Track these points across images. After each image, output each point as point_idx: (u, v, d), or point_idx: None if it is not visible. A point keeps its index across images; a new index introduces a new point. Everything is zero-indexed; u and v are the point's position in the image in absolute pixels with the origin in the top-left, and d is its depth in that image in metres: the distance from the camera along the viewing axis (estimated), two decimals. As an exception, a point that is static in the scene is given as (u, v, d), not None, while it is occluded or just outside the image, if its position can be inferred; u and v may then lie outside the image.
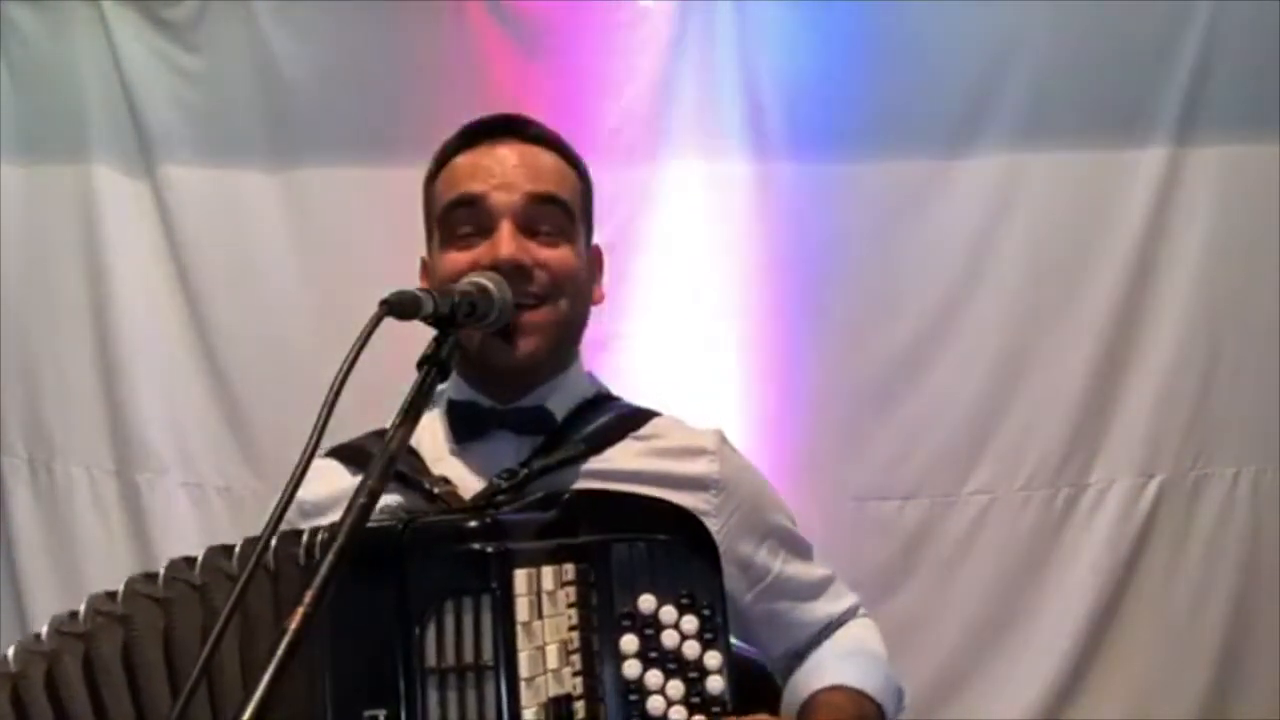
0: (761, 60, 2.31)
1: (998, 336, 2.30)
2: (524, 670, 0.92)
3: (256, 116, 2.43)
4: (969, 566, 2.29)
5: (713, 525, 1.10)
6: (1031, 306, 2.30)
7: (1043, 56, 2.27)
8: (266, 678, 0.74)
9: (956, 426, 2.30)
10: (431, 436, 1.21)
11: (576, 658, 0.96)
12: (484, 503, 1.11)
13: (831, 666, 1.19)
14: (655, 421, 1.23)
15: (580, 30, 2.33)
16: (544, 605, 0.95)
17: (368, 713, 0.90)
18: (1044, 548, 2.29)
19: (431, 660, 0.92)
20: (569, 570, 0.97)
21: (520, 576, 0.94)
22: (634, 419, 1.23)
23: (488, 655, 0.92)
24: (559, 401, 1.21)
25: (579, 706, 0.95)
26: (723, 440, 1.24)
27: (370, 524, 0.97)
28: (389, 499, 1.13)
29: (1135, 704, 2.27)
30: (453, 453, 1.19)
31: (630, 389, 1.32)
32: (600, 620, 0.98)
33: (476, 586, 0.93)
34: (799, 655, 1.24)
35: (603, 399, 1.26)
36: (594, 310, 1.27)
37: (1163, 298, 2.29)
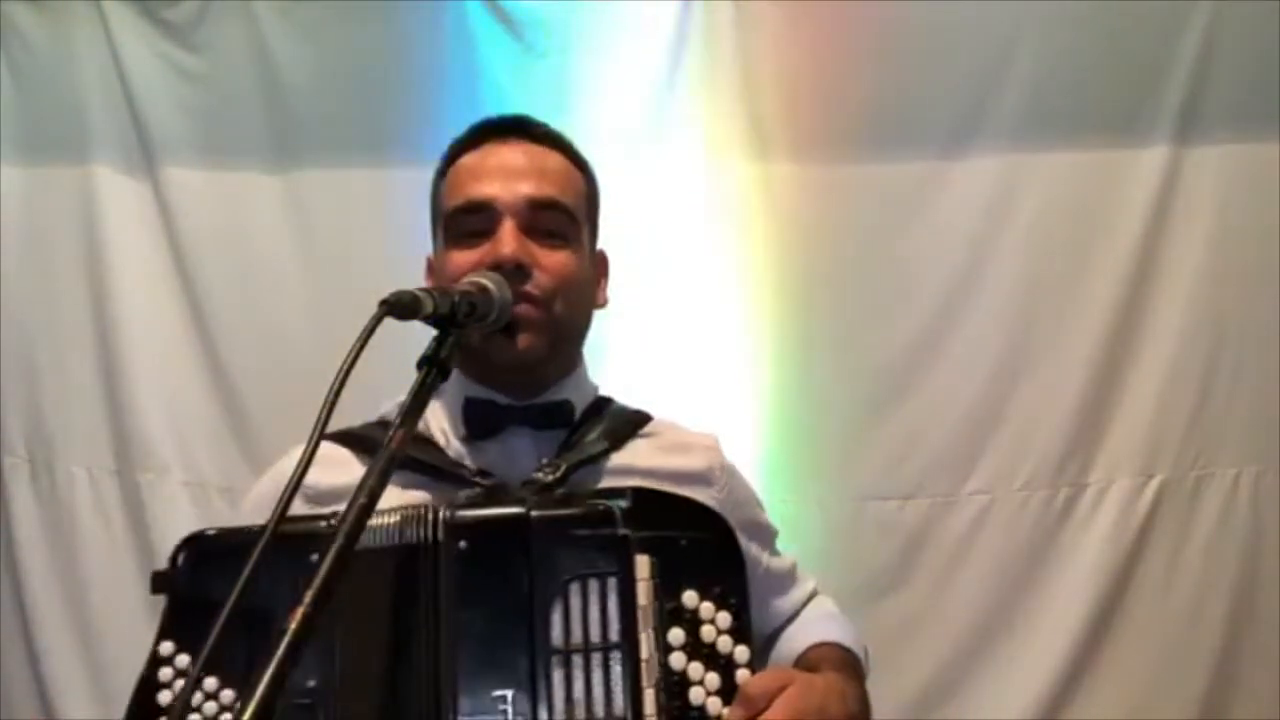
0: (762, 60, 2.31)
1: (997, 336, 2.30)
2: (643, 652, 0.97)
3: (257, 116, 2.44)
4: (969, 566, 2.29)
5: None
6: (1031, 306, 2.30)
7: (1042, 56, 2.27)
8: (267, 678, 0.75)
9: (956, 426, 2.30)
10: (441, 432, 1.22)
11: (653, 646, 1.00)
12: (534, 493, 1.12)
13: (815, 629, 1.29)
14: (654, 422, 1.27)
15: (580, 30, 2.33)
16: (648, 592, 1.00)
17: (496, 693, 0.93)
18: (1044, 548, 2.29)
19: (558, 641, 0.96)
20: (645, 561, 1.02)
21: (640, 562, 0.99)
22: (638, 419, 1.26)
23: (614, 636, 0.97)
24: (575, 399, 1.23)
25: (661, 695, 0.99)
26: (717, 440, 1.30)
27: (494, 508, 1.02)
28: (416, 493, 1.14)
29: (1135, 704, 2.27)
30: (467, 448, 1.20)
31: (629, 390, 1.32)
32: (660, 613, 1.02)
33: (604, 569, 0.98)
34: (773, 638, 1.31)
35: (604, 401, 1.28)
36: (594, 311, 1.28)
37: (1162, 298, 2.29)
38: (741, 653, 1.03)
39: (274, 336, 2.42)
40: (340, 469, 1.18)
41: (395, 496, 1.10)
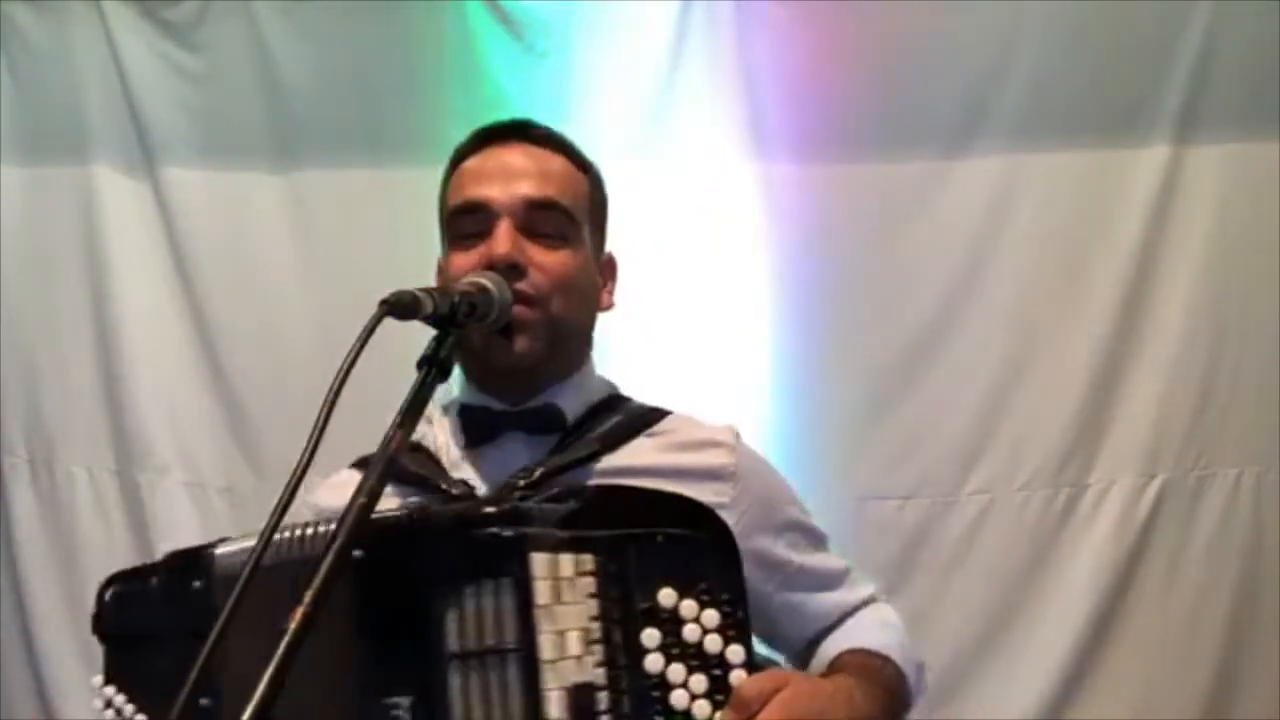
0: (762, 60, 2.31)
1: (998, 336, 2.30)
2: (545, 653, 0.93)
3: (257, 117, 2.44)
4: (969, 567, 2.29)
5: (729, 517, 1.09)
6: (1032, 306, 2.30)
7: (1042, 56, 2.27)
8: (267, 677, 0.75)
9: (956, 426, 2.30)
10: (444, 441, 1.22)
11: (599, 648, 0.97)
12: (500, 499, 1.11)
13: (857, 635, 1.22)
14: (669, 419, 1.24)
15: (580, 30, 2.33)
16: (563, 592, 0.96)
17: (390, 699, 0.91)
18: (1044, 548, 2.29)
19: (453, 645, 0.93)
20: (587, 561, 0.98)
21: (537, 560, 0.95)
22: (647, 417, 1.24)
23: (510, 637, 0.93)
24: (570, 402, 1.21)
25: (602, 697, 0.95)
26: (737, 435, 1.24)
27: (384, 516, 0.98)
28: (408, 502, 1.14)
29: (1136, 705, 2.27)
30: (465, 457, 1.20)
31: (628, 390, 1.32)
32: (621, 613, 0.98)
33: (495, 570, 0.94)
34: (817, 642, 1.24)
35: (616, 400, 1.27)
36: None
37: (1164, 297, 2.29)
38: (735, 653, 0.99)
39: (274, 336, 2.42)
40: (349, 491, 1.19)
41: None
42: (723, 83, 2.31)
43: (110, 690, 1.13)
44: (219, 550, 1.08)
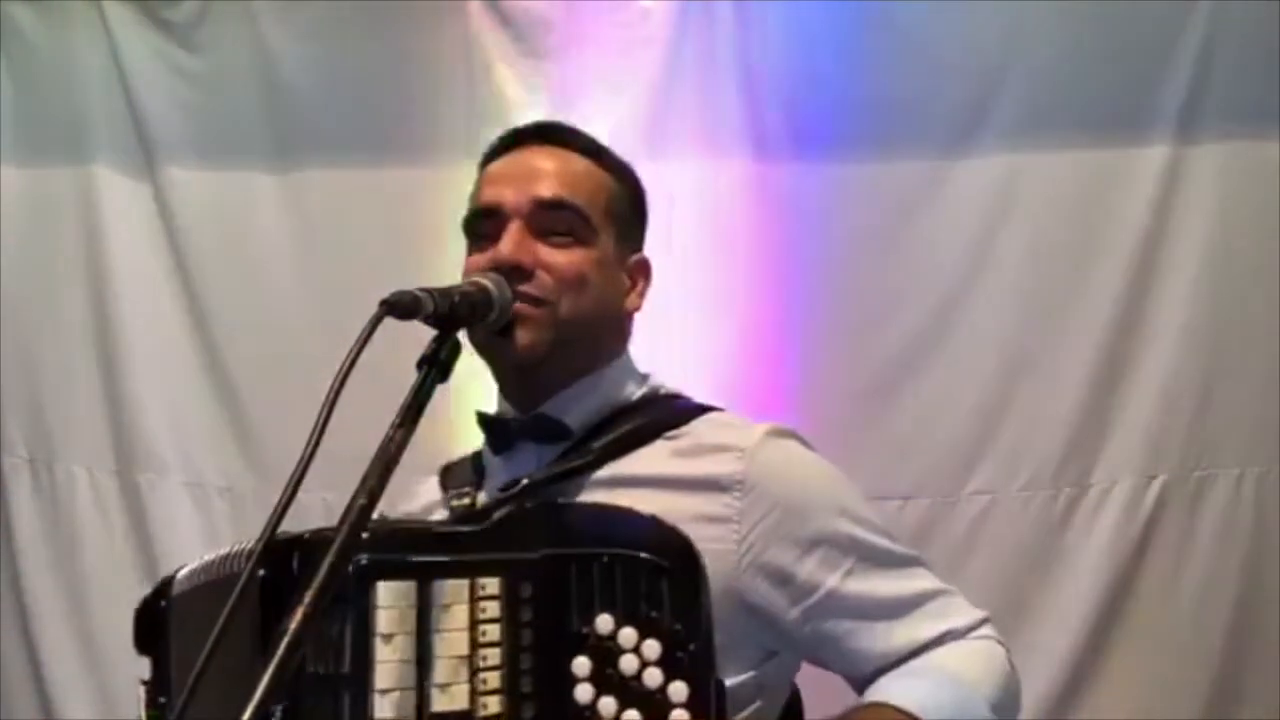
0: (761, 60, 2.31)
1: (999, 336, 2.30)
2: (380, 682, 0.91)
3: (257, 117, 2.44)
4: (969, 567, 2.28)
5: (734, 532, 1.06)
6: (1032, 306, 2.30)
7: (1043, 56, 2.27)
8: (268, 676, 0.75)
9: (957, 426, 2.30)
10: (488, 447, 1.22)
11: (494, 676, 0.93)
12: (467, 516, 1.10)
13: (893, 683, 1.06)
14: (696, 420, 1.17)
15: (580, 30, 2.33)
16: (435, 619, 0.93)
17: (270, 707, 0.91)
18: (1045, 549, 2.29)
19: (309, 666, 0.92)
20: (489, 585, 0.94)
21: (384, 589, 0.93)
22: (672, 419, 1.16)
23: (345, 665, 0.92)
24: (581, 408, 1.17)
25: None
26: (769, 436, 1.15)
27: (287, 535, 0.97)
28: (441, 513, 1.15)
29: (1138, 706, 2.26)
30: (492, 466, 1.19)
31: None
32: (540, 639, 0.94)
33: (344, 597, 0.92)
34: (867, 683, 1.08)
35: (652, 401, 1.22)
36: None
37: (1164, 297, 2.29)
38: (677, 690, 0.92)
39: (274, 336, 2.42)
40: (418, 497, 1.22)
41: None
42: (722, 82, 2.31)
43: (141, 690, 1.21)
44: (180, 573, 1.13)
